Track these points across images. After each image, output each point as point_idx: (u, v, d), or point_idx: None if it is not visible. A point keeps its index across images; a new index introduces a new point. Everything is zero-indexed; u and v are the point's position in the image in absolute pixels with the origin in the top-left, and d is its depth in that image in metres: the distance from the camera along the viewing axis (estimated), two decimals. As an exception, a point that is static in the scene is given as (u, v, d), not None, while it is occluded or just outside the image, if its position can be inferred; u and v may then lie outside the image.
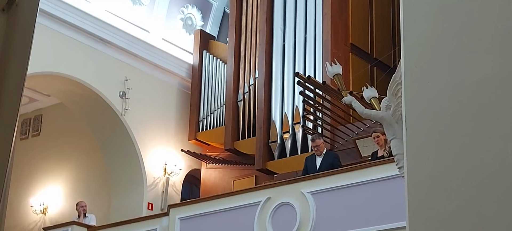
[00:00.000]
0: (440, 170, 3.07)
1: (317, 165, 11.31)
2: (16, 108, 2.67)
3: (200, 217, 11.70)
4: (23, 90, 2.73)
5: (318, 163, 11.34)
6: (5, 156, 2.60)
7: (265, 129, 14.25)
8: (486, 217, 2.91)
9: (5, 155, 2.60)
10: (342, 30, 13.96)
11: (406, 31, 3.32)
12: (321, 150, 11.43)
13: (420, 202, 3.09)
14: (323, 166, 11.17)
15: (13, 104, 2.66)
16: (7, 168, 2.61)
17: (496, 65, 3.02)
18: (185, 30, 16.46)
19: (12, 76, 2.66)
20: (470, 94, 3.07)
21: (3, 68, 2.65)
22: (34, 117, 17.38)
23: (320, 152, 11.42)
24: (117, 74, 14.99)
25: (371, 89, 6.60)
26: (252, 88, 14.88)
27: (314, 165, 11.33)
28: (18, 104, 2.68)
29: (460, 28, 3.17)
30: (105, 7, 14.94)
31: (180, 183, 15.77)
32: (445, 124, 3.11)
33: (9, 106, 2.64)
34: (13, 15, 2.71)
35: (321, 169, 11.13)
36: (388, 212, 9.69)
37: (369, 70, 13.98)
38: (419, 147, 3.16)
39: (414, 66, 3.26)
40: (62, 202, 16.03)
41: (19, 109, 2.71)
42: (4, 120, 2.61)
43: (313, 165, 11.35)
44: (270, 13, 14.82)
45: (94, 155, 15.79)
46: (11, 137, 2.63)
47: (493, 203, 2.90)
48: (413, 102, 3.23)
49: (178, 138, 15.80)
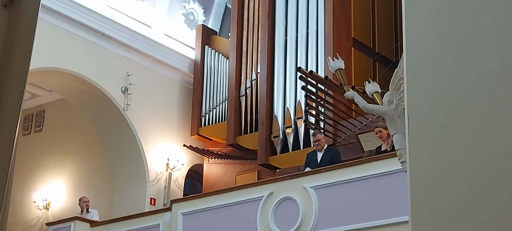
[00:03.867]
0: (443, 164, 3.07)
1: (318, 160, 11.31)
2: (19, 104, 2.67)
3: (203, 212, 11.70)
4: (26, 86, 2.73)
5: (319, 158, 11.34)
6: (8, 152, 2.60)
7: (267, 124, 14.25)
8: (489, 211, 2.91)
9: (7, 151, 2.60)
10: (344, 24, 13.95)
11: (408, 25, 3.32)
12: (322, 145, 11.43)
13: (422, 196, 3.09)
14: (324, 161, 11.17)
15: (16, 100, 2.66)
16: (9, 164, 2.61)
17: (499, 59, 3.01)
18: (187, 25, 16.45)
19: (14, 72, 2.66)
20: (472, 89, 3.07)
21: (6, 64, 2.65)
22: (36, 113, 17.40)
23: (321, 147, 11.42)
24: (119, 69, 14.99)
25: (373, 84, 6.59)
26: (254, 83, 14.88)
27: (315, 160, 11.34)
28: (20, 100, 2.68)
29: (463, 22, 3.17)
30: (107, 2, 14.94)
31: (182, 178, 15.78)
32: (447, 118, 3.11)
33: (12, 102, 2.64)
34: (15, 11, 2.71)
35: (321, 164, 11.13)
36: (391, 207, 9.69)
37: (371, 64, 13.97)
38: (421, 141, 3.16)
39: (416, 60, 3.25)
40: (65, 198, 16.04)
41: (22, 105, 2.71)
42: (6, 115, 2.61)
43: (314, 160, 11.36)
44: (272, 8, 14.81)
45: (96, 150, 15.80)
46: (13, 133, 2.63)
47: (496, 197, 2.90)
48: (415, 97, 3.23)
49: (180, 133, 15.81)
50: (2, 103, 2.61)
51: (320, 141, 11.43)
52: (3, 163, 2.59)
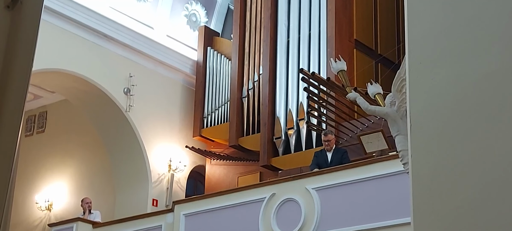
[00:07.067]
0: (445, 165, 3.07)
1: (328, 159, 11.31)
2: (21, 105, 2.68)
3: (205, 213, 11.70)
4: (28, 87, 2.74)
5: (329, 158, 11.34)
6: (11, 153, 2.61)
7: (269, 125, 14.26)
8: (491, 213, 2.91)
9: (10, 152, 2.61)
10: (346, 26, 13.95)
11: (411, 26, 3.32)
12: (331, 145, 11.44)
13: (424, 198, 3.09)
14: (334, 161, 11.18)
15: (18, 101, 2.66)
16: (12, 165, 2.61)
17: (501, 61, 3.01)
18: (189, 26, 16.46)
19: (17, 73, 2.67)
20: (475, 90, 3.07)
21: (8, 65, 2.65)
22: (38, 114, 17.41)
23: (330, 147, 11.42)
24: (122, 71, 15.00)
25: (376, 86, 6.60)
26: (256, 84, 14.88)
27: (326, 160, 11.33)
28: (23, 101, 2.69)
29: (465, 23, 3.16)
30: (109, 3, 14.95)
31: (184, 179, 15.79)
32: (450, 119, 3.11)
33: (14, 103, 2.65)
34: (18, 12, 2.71)
35: (332, 164, 11.14)
36: (393, 208, 9.69)
37: (373, 66, 13.97)
38: (423, 143, 3.16)
39: (419, 62, 3.25)
40: (67, 199, 16.05)
41: (24, 106, 2.72)
42: (9, 117, 2.62)
43: (325, 159, 11.34)
44: (274, 10, 14.81)
45: (98, 151, 15.81)
46: (16, 134, 2.64)
47: (498, 199, 2.90)
48: (418, 99, 3.23)
49: (182, 134, 15.81)
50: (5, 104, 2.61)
51: (330, 141, 11.43)
52: (6, 164, 2.60)
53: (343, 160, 11.18)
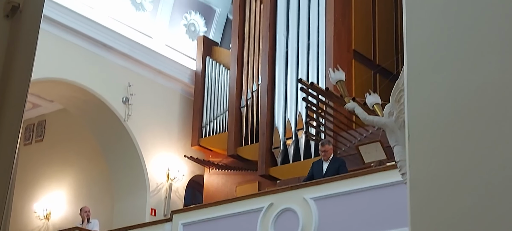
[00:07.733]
0: (443, 175, 3.07)
1: (323, 170, 11.29)
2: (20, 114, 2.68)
3: (203, 223, 11.69)
4: (27, 96, 2.74)
5: (324, 168, 11.32)
6: (9, 162, 2.61)
7: (268, 135, 14.26)
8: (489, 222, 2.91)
9: (9, 161, 2.61)
10: (345, 36, 13.97)
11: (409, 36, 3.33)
12: (328, 155, 11.40)
13: (422, 208, 3.09)
14: (330, 171, 11.14)
15: (17, 110, 2.67)
16: (11, 174, 2.62)
17: (500, 70, 3.02)
18: (188, 36, 16.48)
19: (16, 82, 2.67)
20: (473, 100, 3.07)
21: (7, 74, 2.66)
22: (37, 123, 17.41)
23: (327, 157, 11.39)
24: (120, 80, 15.01)
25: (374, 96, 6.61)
26: (255, 94, 14.90)
27: (321, 170, 11.30)
28: (22, 110, 2.69)
29: (463, 33, 3.17)
30: (108, 13, 14.97)
31: (183, 189, 15.78)
32: (448, 129, 3.11)
33: (13, 112, 2.65)
34: (17, 22, 2.72)
35: (327, 174, 11.11)
36: (391, 218, 9.68)
37: (371, 76, 13.98)
38: (421, 153, 3.16)
39: (417, 72, 3.26)
40: (66, 208, 16.04)
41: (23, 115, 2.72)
42: (8, 125, 2.62)
43: (320, 169, 11.32)
44: (273, 19, 14.84)
45: (97, 160, 15.80)
46: (15, 143, 2.64)
47: (496, 208, 2.90)
48: (416, 108, 3.23)
49: (181, 143, 15.81)
50: (4, 113, 2.62)
51: (327, 152, 11.38)
52: (5, 173, 2.60)
53: (340, 169, 11.14)
